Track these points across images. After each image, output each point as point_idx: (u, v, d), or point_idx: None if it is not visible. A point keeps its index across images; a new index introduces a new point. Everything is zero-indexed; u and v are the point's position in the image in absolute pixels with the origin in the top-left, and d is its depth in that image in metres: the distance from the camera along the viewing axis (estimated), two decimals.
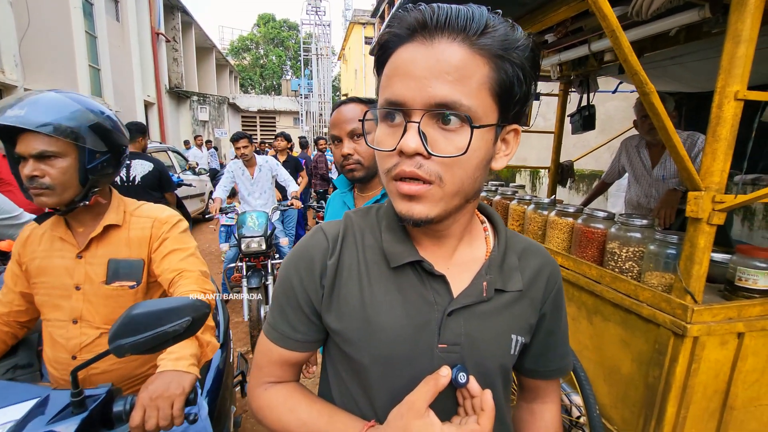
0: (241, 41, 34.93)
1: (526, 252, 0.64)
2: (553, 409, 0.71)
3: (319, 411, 0.59)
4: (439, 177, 0.48)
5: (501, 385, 0.60)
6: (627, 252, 1.49)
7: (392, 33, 0.49)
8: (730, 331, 1.23)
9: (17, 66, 6.18)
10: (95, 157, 1.02)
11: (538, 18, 1.87)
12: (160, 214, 1.17)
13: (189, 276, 1.07)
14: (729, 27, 1.06)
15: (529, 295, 0.62)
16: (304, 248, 0.61)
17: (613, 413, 1.49)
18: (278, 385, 0.64)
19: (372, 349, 0.56)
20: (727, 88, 1.07)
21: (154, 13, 11.94)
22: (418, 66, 0.46)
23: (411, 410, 0.50)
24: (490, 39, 0.46)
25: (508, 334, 0.59)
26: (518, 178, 6.33)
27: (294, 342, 0.61)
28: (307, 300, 0.59)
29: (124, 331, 0.69)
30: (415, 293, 0.57)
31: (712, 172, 1.12)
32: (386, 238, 0.59)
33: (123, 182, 3.52)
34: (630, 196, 2.66)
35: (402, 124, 0.48)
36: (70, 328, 1.08)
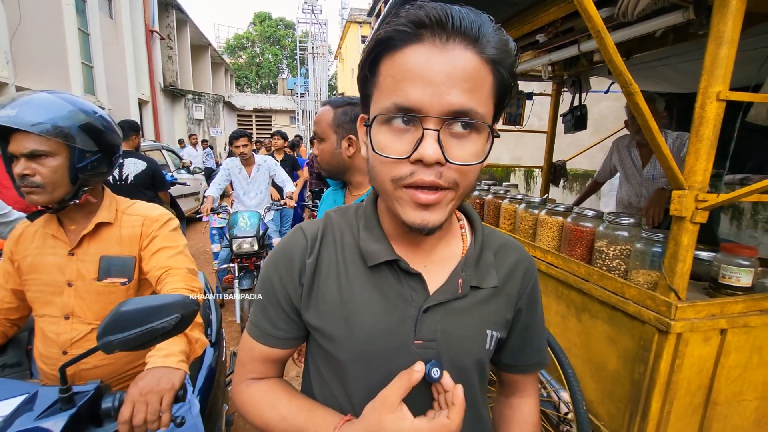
0: (237, 39, 34.78)
1: (502, 248, 0.65)
2: (531, 402, 0.72)
3: (299, 406, 0.60)
4: (455, 183, 0.49)
5: (477, 379, 0.62)
6: (614, 250, 1.51)
7: (397, 29, 0.46)
8: (713, 327, 1.25)
9: (8, 63, 6.12)
10: (85, 156, 1.03)
11: (528, 18, 1.89)
12: (151, 213, 1.18)
13: (176, 273, 1.09)
14: (711, 29, 1.08)
15: (504, 291, 0.63)
16: (284, 247, 0.62)
17: (600, 409, 1.51)
18: (261, 381, 0.65)
19: (350, 345, 0.57)
20: (710, 89, 1.09)
21: (148, 11, 11.86)
22: (435, 72, 0.45)
23: (384, 404, 0.51)
24: (492, 48, 0.47)
25: (483, 329, 0.60)
26: (513, 178, 6.37)
27: (275, 339, 0.62)
28: (286, 298, 0.60)
29: (113, 328, 0.69)
30: (391, 291, 0.58)
31: (696, 171, 1.14)
32: (363, 237, 0.60)
33: (116, 181, 3.51)
34: (621, 196, 2.69)
35: (412, 130, 0.47)
36: (61, 323, 1.10)
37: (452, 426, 0.50)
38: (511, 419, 0.71)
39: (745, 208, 2.88)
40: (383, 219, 0.61)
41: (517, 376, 0.71)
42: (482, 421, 0.65)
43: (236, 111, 20.90)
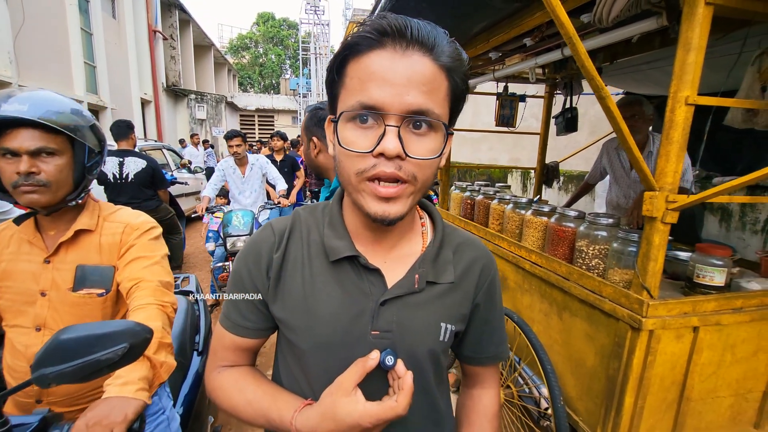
0: (240, 40, 34.91)
1: (461, 246, 0.69)
2: (491, 394, 0.75)
3: (264, 391, 0.64)
4: (414, 176, 0.53)
5: (431, 369, 0.65)
6: (594, 250, 1.55)
7: (363, 36, 0.51)
8: (685, 325, 1.29)
9: (11, 63, 6.20)
10: (93, 155, 1.03)
11: (515, 22, 1.93)
12: (133, 220, 1.13)
13: (146, 287, 1.02)
14: (680, 35, 1.12)
15: (461, 287, 0.66)
16: (253, 243, 0.66)
17: (579, 405, 1.55)
18: (231, 368, 0.69)
19: (311, 336, 0.61)
20: (679, 93, 1.13)
21: (151, 11, 11.94)
22: (397, 74, 0.49)
23: (340, 389, 0.55)
24: (446, 57, 0.52)
25: (437, 322, 0.63)
26: (510, 179, 6.40)
27: (244, 329, 0.66)
28: (255, 290, 0.64)
29: (49, 359, 0.62)
30: (352, 285, 0.61)
31: (666, 173, 1.18)
32: (327, 233, 0.64)
33: (116, 179, 3.58)
34: (610, 197, 2.72)
35: (375, 126, 0.51)
36: (31, 335, 1.04)
37: (399, 408, 0.53)
38: (471, 409, 0.75)
39: (734, 210, 2.91)
40: (347, 217, 0.65)
41: (478, 368, 0.75)
42: (437, 409, 0.68)
43: (239, 111, 20.99)
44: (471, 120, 7.79)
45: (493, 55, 2.36)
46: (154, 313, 0.97)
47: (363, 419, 0.52)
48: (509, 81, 2.99)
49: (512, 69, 2.32)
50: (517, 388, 1.83)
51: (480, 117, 7.44)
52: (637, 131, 2.26)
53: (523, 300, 1.95)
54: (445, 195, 3.13)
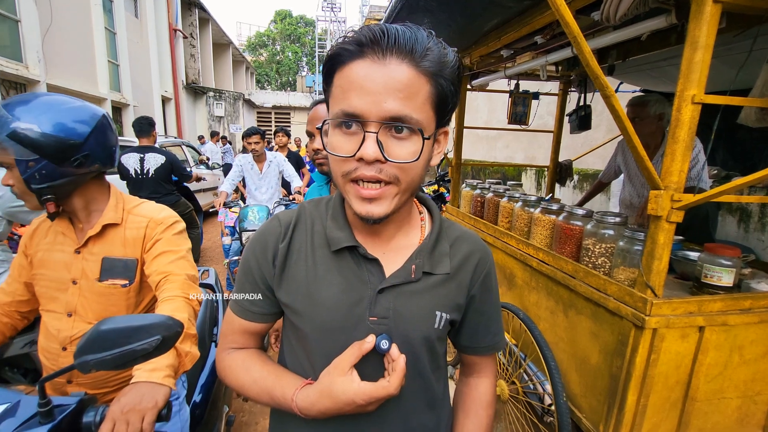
0: (258, 37, 35.32)
1: (458, 240, 0.72)
2: (487, 382, 0.79)
3: (269, 371, 0.69)
4: (396, 178, 0.56)
5: (426, 354, 0.68)
6: (600, 248, 1.55)
7: (343, 48, 0.54)
8: (690, 324, 1.28)
9: (40, 62, 6.44)
10: (28, 166, 0.97)
11: (526, 20, 1.93)
12: (157, 215, 1.16)
13: (174, 280, 1.07)
14: (687, 34, 1.11)
15: (457, 278, 0.69)
16: (261, 234, 0.70)
17: (583, 402, 1.56)
18: (240, 350, 0.74)
19: (313, 319, 0.65)
20: (685, 92, 1.13)
21: (171, 10, 12.21)
22: (374, 83, 0.52)
23: (337, 369, 0.59)
24: (429, 61, 0.54)
25: (432, 310, 0.66)
26: (524, 177, 6.34)
27: (252, 314, 0.71)
28: (262, 277, 0.69)
29: (91, 347, 0.67)
30: (351, 273, 0.65)
31: (671, 172, 1.18)
32: (329, 225, 0.68)
33: (138, 175, 3.74)
34: (624, 196, 2.69)
35: (357, 132, 0.55)
36: (63, 320, 1.11)
37: (390, 388, 0.57)
38: (467, 396, 0.79)
39: (753, 210, 2.83)
40: (349, 210, 0.68)
41: (474, 357, 0.78)
42: (432, 392, 0.71)
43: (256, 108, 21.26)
44: (487, 117, 7.73)
45: (504, 52, 2.35)
46: (181, 305, 1.02)
47: (357, 396, 0.57)
48: (521, 78, 2.97)
49: (524, 66, 2.31)
50: (522, 384, 1.84)
51: (495, 114, 7.38)
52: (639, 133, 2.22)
53: (530, 297, 1.96)
54: (456, 193, 3.14)
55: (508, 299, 2.15)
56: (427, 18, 2.13)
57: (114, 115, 8.87)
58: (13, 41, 6.18)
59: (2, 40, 5.94)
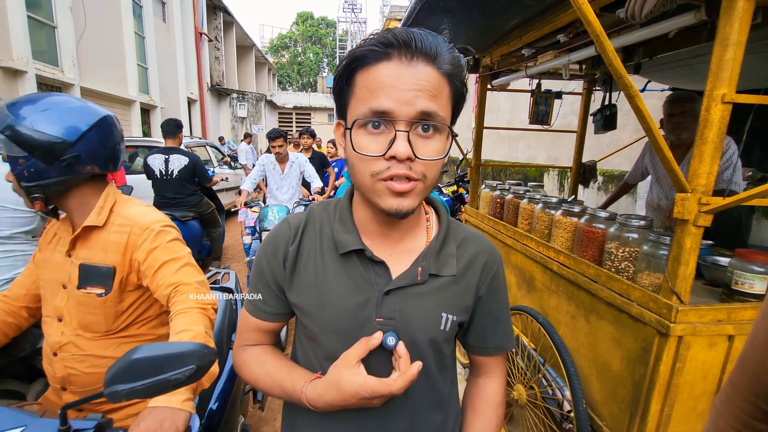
0: (280, 39, 35.88)
1: (465, 241, 0.72)
2: (495, 383, 0.78)
3: (281, 365, 0.71)
4: (423, 175, 0.58)
5: (432, 356, 0.69)
6: (624, 252, 1.51)
7: (370, 49, 0.55)
8: (718, 333, 1.23)
9: (74, 66, 6.74)
10: (18, 163, 0.97)
11: (548, 19, 1.89)
12: (141, 220, 1.08)
13: (185, 290, 1.01)
14: (718, 31, 1.07)
15: (464, 280, 0.70)
16: (271, 236, 0.73)
17: (603, 409, 1.52)
18: (255, 346, 0.77)
19: (322, 320, 0.67)
20: (715, 91, 1.08)
21: (197, 14, 12.55)
22: (404, 83, 0.54)
23: (344, 362, 0.62)
24: (448, 64, 0.57)
25: (438, 312, 0.67)
26: (546, 178, 6.22)
27: (264, 313, 0.73)
28: (273, 279, 0.71)
29: (122, 377, 0.64)
30: (359, 275, 0.67)
31: (699, 174, 1.13)
32: (337, 228, 0.69)
33: (162, 175, 3.94)
34: (651, 198, 2.61)
35: (385, 132, 0.56)
36: (54, 325, 1.08)
37: (394, 387, 0.59)
38: (476, 396, 0.79)
39: None
40: (357, 213, 0.70)
41: (483, 358, 0.78)
42: (439, 393, 0.72)
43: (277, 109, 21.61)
44: (509, 117, 7.62)
45: (526, 51, 2.31)
46: (197, 317, 0.97)
47: (362, 389, 0.59)
48: (544, 78, 2.91)
49: (546, 66, 2.27)
50: (540, 389, 1.81)
51: (518, 114, 7.26)
52: (687, 129, 2.15)
53: (550, 301, 1.92)
54: (475, 194, 3.11)
55: (527, 302, 2.11)
56: (446, 18, 2.12)
57: (142, 117, 9.19)
58: (50, 46, 6.50)
59: (40, 45, 6.24)
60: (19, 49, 5.58)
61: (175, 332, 0.93)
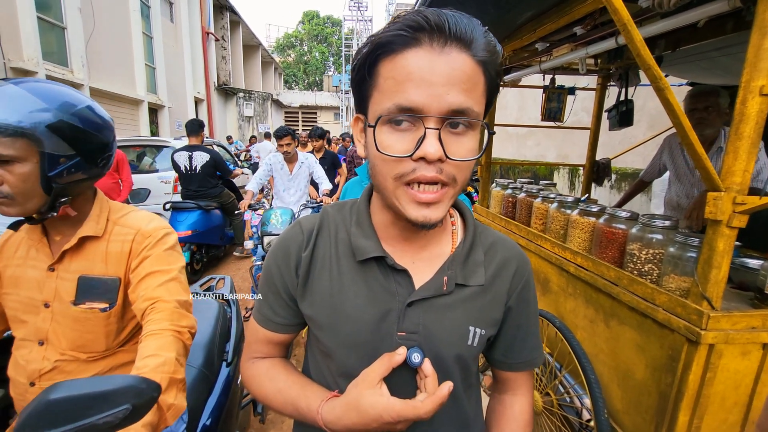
0: (286, 38, 35.92)
1: (493, 246, 0.66)
2: (522, 401, 0.72)
3: (294, 381, 0.65)
4: (454, 178, 0.51)
5: (459, 373, 0.63)
6: (647, 254, 1.43)
7: (397, 34, 0.48)
8: (752, 341, 1.16)
9: (84, 66, 6.77)
10: (58, 162, 0.85)
11: (564, 10, 1.82)
12: (145, 226, 0.99)
13: (162, 308, 0.89)
14: (756, 17, 0.99)
15: (493, 290, 0.63)
16: (282, 241, 0.66)
17: (626, 419, 1.45)
18: (264, 359, 0.71)
19: (338, 333, 0.61)
20: (752, 83, 1.01)
21: (204, 14, 12.59)
22: (436, 74, 0.47)
23: (365, 381, 0.55)
24: (483, 50, 0.49)
25: (465, 326, 0.61)
26: (556, 176, 6.11)
27: (275, 324, 0.67)
28: (285, 287, 0.65)
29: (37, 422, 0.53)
30: (378, 285, 0.61)
31: (734, 171, 1.06)
32: (354, 232, 0.63)
33: (187, 171, 4.29)
34: (670, 196, 2.52)
35: (412, 129, 0.50)
36: (34, 349, 0.95)
37: (421, 411, 0.52)
38: (502, 415, 0.72)
39: None
40: (375, 215, 0.64)
41: (509, 374, 0.72)
42: (464, 413, 0.66)
43: (283, 108, 21.64)
44: (517, 114, 7.52)
45: (539, 45, 2.24)
46: (169, 341, 0.85)
47: (386, 412, 0.52)
48: (557, 73, 2.83)
49: (561, 60, 2.19)
50: (557, 396, 1.74)
51: (526, 111, 7.16)
52: (710, 125, 2.06)
53: (567, 304, 1.85)
54: (486, 193, 3.04)
55: (542, 306, 2.04)
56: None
57: (150, 116, 9.23)
58: (60, 47, 6.53)
59: (50, 46, 6.28)
60: (30, 50, 5.61)
61: (141, 356, 0.80)
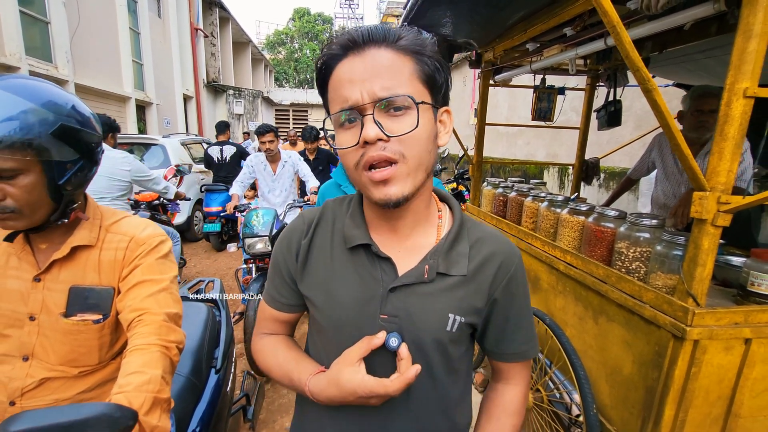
0: (276, 36, 35.61)
1: (480, 240, 0.69)
2: (515, 390, 0.75)
3: (292, 357, 0.73)
4: (402, 154, 0.57)
5: (438, 357, 0.67)
6: (634, 252, 1.46)
7: (329, 54, 0.58)
8: (735, 336, 1.19)
9: (68, 62, 6.62)
10: (66, 168, 0.81)
11: (555, 11, 1.84)
12: (140, 233, 0.94)
13: (150, 321, 0.84)
14: (740, 21, 1.02)
15: (475, 281, 0.67)
16: (287, 231, 0.75)
17: (614, 414, 1.48)
18: (271, 336, 0.80)
19: (329, 314, 0.68)
20: (736, 85, 1.04)
21: (193, 9, 12.40)
22: (358, 72, 0.56)
23: (345, 360, 0.62)
24: (405, 41, 0.57)
25: (445, 312, 0.65)
26: (546, 176, 6.18)
27: (279, 304, 0.76)
28: (287, 272, 0.73)
29: None
30: (365, 271, 0.67)
31: (719, 172, 1.09)
32: (347, 223, 0.70)
33: (219, 161, 5.53)
34: (657, 194, 2.56)
35: (357, 123, 0.57)
36: (17, 365, 0.88)
37: (390, 388, 0.59)
38: (493, 402, 0.76)
39: None
40: (366, 208, 0.70)
41: (502, 364, 0.75)
42: (446, 398, 0.70)
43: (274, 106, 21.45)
44: (507, 114, 7.57)
45: (530, 46, 2.26)
46: (156, 357, 0.80)
47: (359, 388, 0.59)
48: (547, 73, 2.86)
49: (551, 60, 2.22)
50: (547, 392, 1.77)
51: (517, 111, 7.21)
52: (712, 129, 2.10)
53: (557, 302, 1.88)
54: (477, 191, 3.06)
55: (532, 303, 2.06)
56: (449, 11, 2.06)
57: (138, 114, 9.07)
58: (44, 42, 6.38)
59: (34, 41, 6.13)
60: (12, 45, 5.47)
61: (125, 373, 0.75)
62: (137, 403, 0.70)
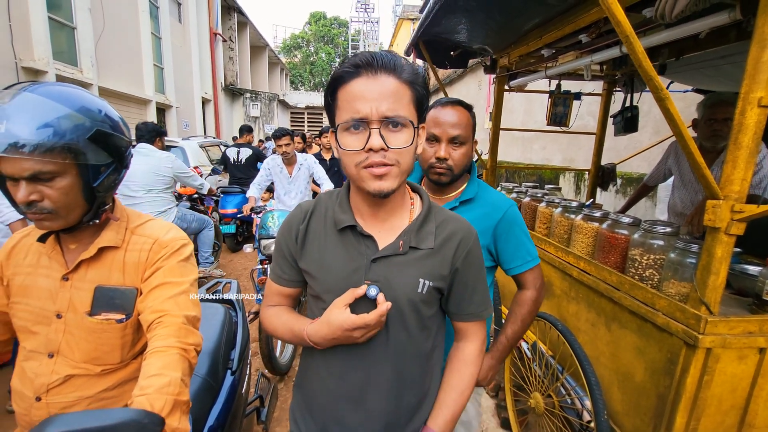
0: (293, 39, 36.05)
1: (445, 221, 0.86)
2: (473, 345, 0.91)
3: (293, 316, 0.90)
4: (397, 161, 0.73)
5: (411, 313, 0.82)
6: (648, 259, 1.46)
7: (344, 70, 0.72)
8: (749, 345, 1.19)
9: (93, 66, 6.86)
10: (100, 171, 0.86)
11: (570, 18, 1.85)
12: (163, 236, 0.98)
13: (170, 323, 0.86)
14: (756, 30, 1.02)
15: (441, 253, 0.83)
16: (288, 219, 0.91)
17: (625, 420, 1.47)
18: (276, 306, 0.96)
19: (324, 282, 0.84)
20: (751, 94, 1.04)
21: (212, 14, 12.68)
22: (372, 92, 0.71)
23: (334, 305, 0.79)
24: (406, 73, 0.74)
25: (416, 277, 0.81)
26: (562, 180, 6.12)
27: (283, 280, 0.92)
28: (289, 252, 0.89)
29: None
30: (352, 247, 0.83)
31: (732, 180, 1.09)
32: (336, 210, 0.85)
33: (234, 162, 5.76)
34: (673, 201, 2.53)
35: (364, 131, 0.72)
36: (43, 362, 0.92)
37: (367, 319, 0.75)
38: (454, 357, 0.91)
39: None
40: (352, 198, 0.86)
41: (462, 324, 0.91)
42: (419, 347, 0.85)
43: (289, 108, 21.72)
44: (523, 118, 7.52)
45: (545, 52, 2.27)
46: (175, 359, 0.82)
47: (344, 323, 0.76)
48: (563, 78, 2.86)
49: (566, 67, 2.22)
50: (558, 398, 1.77)
51: (532, 115, 7.17)
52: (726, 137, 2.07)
53: (569, 308, 1.88)
54: None
55: (544, 309, 2.07)
56: (464, 18, 2.09)
57: (158, 116, 9.31)
58: (70, 47, 6.63)
59: (60, 46, 6.37)
60: (40, 50, 5.70)
61: (145, 375, 0.78)
62: (158, 405, 0.72)
